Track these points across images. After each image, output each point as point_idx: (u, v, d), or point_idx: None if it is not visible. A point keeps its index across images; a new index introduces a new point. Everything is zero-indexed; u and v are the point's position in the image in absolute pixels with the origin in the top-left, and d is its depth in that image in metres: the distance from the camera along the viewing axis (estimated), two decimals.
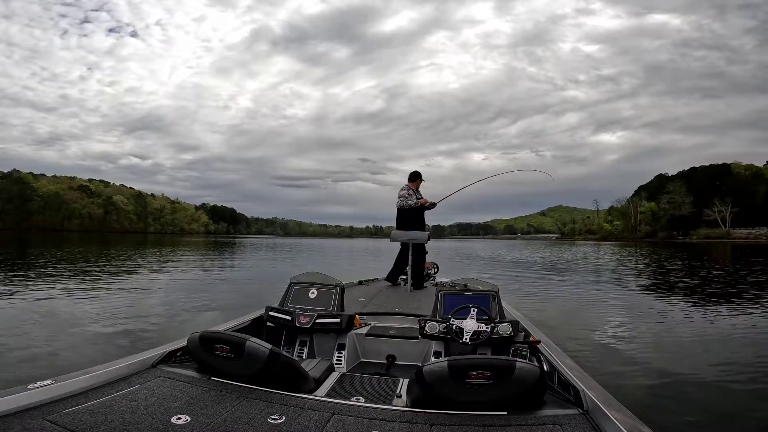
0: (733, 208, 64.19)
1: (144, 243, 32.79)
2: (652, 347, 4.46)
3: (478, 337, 2.25)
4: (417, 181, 5.43)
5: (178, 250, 24.66)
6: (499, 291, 2.66)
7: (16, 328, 4.68)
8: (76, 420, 1.25)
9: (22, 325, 4.80)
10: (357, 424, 1.33)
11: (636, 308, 6.87)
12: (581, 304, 7.53)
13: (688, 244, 48.86)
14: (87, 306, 6.13)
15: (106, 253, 19.26)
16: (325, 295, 2.77)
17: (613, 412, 1.33)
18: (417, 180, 5.43)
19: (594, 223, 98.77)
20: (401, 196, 5.28)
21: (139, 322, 5.26)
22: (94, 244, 28.61)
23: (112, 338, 4.46)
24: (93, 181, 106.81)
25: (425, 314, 2.66)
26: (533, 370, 1.47)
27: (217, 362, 1.70)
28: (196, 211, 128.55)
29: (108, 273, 10.88)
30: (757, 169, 69.66)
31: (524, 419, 1.38)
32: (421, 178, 5.47)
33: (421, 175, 5.46)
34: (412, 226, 5.19)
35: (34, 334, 4.45)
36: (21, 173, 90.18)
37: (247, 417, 1.35)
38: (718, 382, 3.43)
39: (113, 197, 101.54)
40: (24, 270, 10.52)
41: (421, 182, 5.46)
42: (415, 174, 5.44)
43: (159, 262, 15.03)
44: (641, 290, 9.15)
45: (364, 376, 2.33)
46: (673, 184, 74.94)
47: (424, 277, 5.25)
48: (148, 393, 1.49)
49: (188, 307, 6.53)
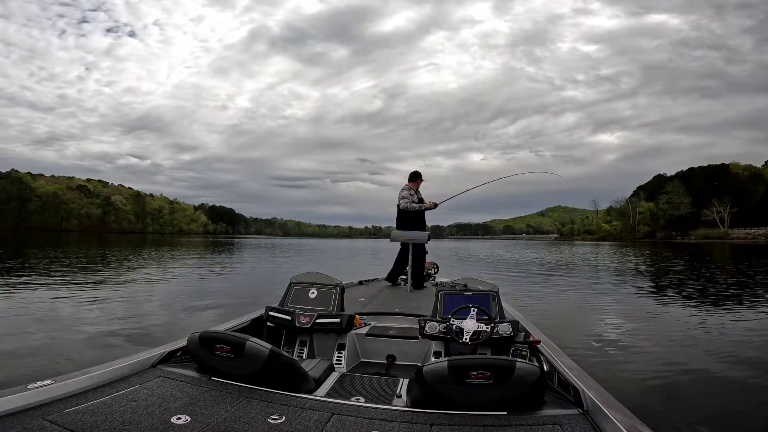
0: (732, 208, 64.37)
1: (143, 243, 32.73)
2: (652, 347, 4.47)
3: (478, 337, 2.25)
4: (417, 181, 5.43)
5: (177, 250, 24.64)
6: (499, 291, 2.66)
7: (15, 328, 4.67)
8: (76, 420, 1.25)
9: (21, 325, 4.78)
10: (357, 424, 1.33)
11: (636, 308, 6.87)
12: (581, 304, 7.53)
13: (687, 244, 48.93)
14: (87, 306, 6.12)
15: (104, 253, 19.23)
16: (325, 295, 2.77)
17: (613, 412, 1.33)
18: (417, 180, 5.43)
19: (593, 224, 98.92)
20: (403, 197, 5.26)
21: (139, 322, 5.25)
22: (92, 244, 28.54)
23: (112, 338, 4.44)
24: (91, 181, 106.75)
25: (425, 314, 2.66)
26: (533, 370, 1.47)
27: (217, 362, 1.70)
28: (194, 212, 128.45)
29: (108, 273, 10.86)
30: (755, 169, 69.89)
31: (524, 419, 1.38)
32: (421, 178, 5.47)
33: (421, 175, 5.47)
34: (412, 226, 5.18)
35: (34, 334, 4.44)
36: (19, 173, 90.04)
37: (247, 417, 1.35)
38: (718, 382, 3.43)
39: (112, 197, 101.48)
40: (23, 270, 10.49)
41: (421, 182, 5.47)
42: (415, 174, 5.44)
43: (159, 262, 15.01)
44: (641, 290, 9.16)
45: (364, 376, 2.33)
46: (672, 184, 75.13)
47: (424, 277, 5.25)
48: (148, 393, 1.48)
49: (188, 307, 6.52)
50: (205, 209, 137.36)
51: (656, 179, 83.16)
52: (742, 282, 10.32)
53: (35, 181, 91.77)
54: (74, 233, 71.25)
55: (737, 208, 63.61)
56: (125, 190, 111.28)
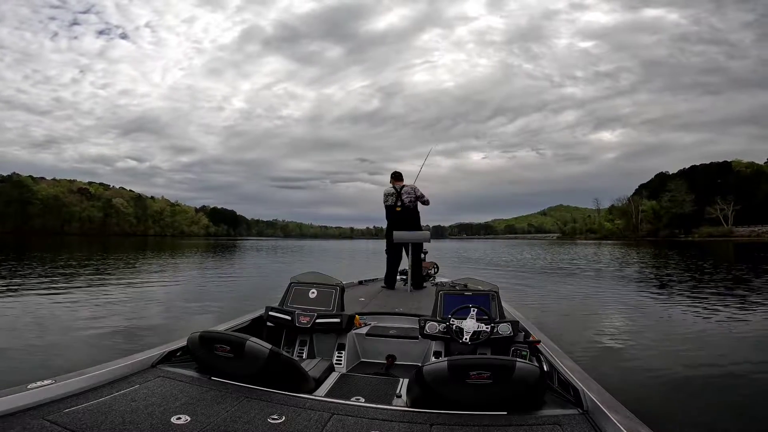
0: (735, 205, 64.11)
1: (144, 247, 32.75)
2: (653, 347, 4.45)
3: (478, 337, 2.25)
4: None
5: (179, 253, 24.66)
6: (499, 291, 2.66)
7: (16, 328, 4.69)
8: (76, 420, 1.25)
9: (22, 326, 4.80)
10: (357, 424, 1.34)
11: (636, 308, 6.85)
12: (581, 304, 7.51)
13: (691, 242, 48.74)
14: (87, 306, 6.14)
15: (105, 256, 19.28)
16: (325, 295, 2.77)
17: (613, 412, 1.33)
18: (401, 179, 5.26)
19: (595, 223, 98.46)
20: (407, 192, 5.10)
21: (139, 322, 5.26)
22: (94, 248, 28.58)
23: (112, 338, 4.46)
24: (93, 184, 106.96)
25: (425, 314, 2.66)
26: (533, 370, 1.47)
27: (217, 362, 1.70)
28: (196, 214, 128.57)
29: (108, 274, 10.89)
30: (758, 166, 69.59)
31: (524, 419, 1.38)
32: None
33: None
34: (413, 225, 5.12)
35: (34, 335, 4.45)
36: (21, 176, 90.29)
37: (247, 417, 1.35)
38: (718, 382, 3.42)
39: (113, 200, 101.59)
40: (24, 272, 10.52)
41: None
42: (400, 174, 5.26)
43: (159, 263, 15.04)
44: (642, 290, 9.13)
45: (364, 376, 2.33)
46: (674, 182, 74.82)
47: (424, 277, 5.23)
48: (148, 393, 1.49)
49: (188, 307, 6.54)
50: (206, 211, 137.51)
51: (658, 177, 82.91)
52: (744, 280, 10.28)
53: (37, 184, 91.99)
54: (75, 236, 71.41)
55: (741, 205, 63.34)
56: (126, 193, 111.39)
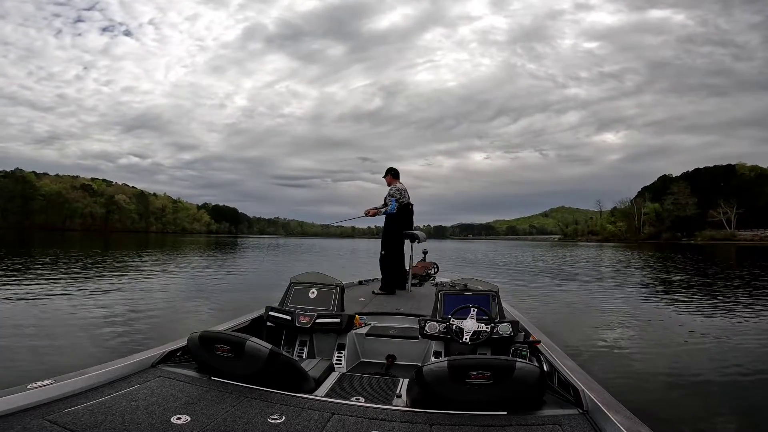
0: (738, 209, 63.82)
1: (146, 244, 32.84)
2: (653, 348, 4.45)
3: (478, 337, 2.25)
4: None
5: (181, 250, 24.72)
6: (499, 291, 2.66)
7: (16, 327, 4.69)
8: (76, 420, 1.25)
9: (22, 325, 4.80)
10: (357, 424, 1.33)
11: (636, 309, 6.84)
12: (582, 304, 7.49)
13: (693, 245, 48.57)
14: (87, 306, 6.14)
15: (107, 253, 19.33)
16: (325, 295, 2.77)
17: (612, 412, 1.33)
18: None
19: (597, 224, 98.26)
20: (401, 190, 4.88)
21: (139, 322, 5.26)
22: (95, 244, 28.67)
23: (112, 338, 4.46)
24: (95, 180, 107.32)
25: (425, 314, 2.66)
26: (533, 370, 1.47)
27: (217, 362, 1.70)
28: (197, 211, 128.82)
29: (109, 273, 10.91)
30: (761, 170, 69.29)
31: (524, 419, 1.38)
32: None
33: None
34: (409, 224, 5.02)
35: (34, 334, 4.46)
36: (24, 172, 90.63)
37: (247, 417, 1.35)
38: (718, 382, 3.42)
39: (115, 196, 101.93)
40: (24, 269, 10.56)
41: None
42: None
43: (160, 262, 15.08)
44: (642, 291, 9.12)
45: (364, 376, 2.33)
46: (677, 184, 74.56)
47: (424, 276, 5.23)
48: (148, 393, 1.49)
49: (188, 306, 6.55)
50: (208, 209, 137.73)
51: (661, 180, 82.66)
52: (745, 283, 10.25)
53: (40, 180, 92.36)
54: (77, 232, 71.65)
55: (744, 209, 63.07)
56: (129, 189, 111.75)
